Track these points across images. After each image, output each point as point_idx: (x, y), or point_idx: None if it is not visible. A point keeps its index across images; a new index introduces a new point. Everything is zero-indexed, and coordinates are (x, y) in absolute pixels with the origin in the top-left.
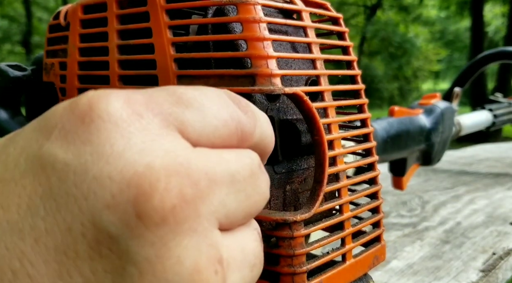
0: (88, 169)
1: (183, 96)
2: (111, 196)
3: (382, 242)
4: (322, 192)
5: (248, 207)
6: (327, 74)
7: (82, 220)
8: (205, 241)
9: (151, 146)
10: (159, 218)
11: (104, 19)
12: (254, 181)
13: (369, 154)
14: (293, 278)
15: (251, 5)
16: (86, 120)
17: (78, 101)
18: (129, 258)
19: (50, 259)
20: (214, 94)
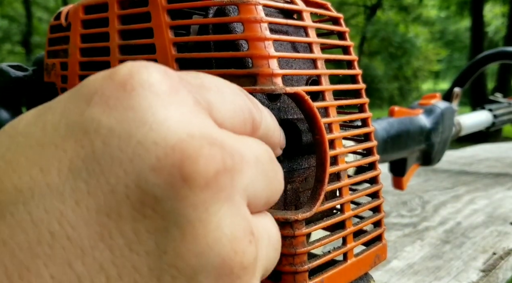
0: (132, 134)
1: (205, 80)
2: (157, 159)
3: (383, 241)
4: (323, 191)
5: (270, 192)
6: (328, 73)
7: (127, 182)
8: (239, 212)
9: (189, 119)
10: (203, 182)
11: (105, 19)
12: (273, 167)
13: (370, 154)
14: (294, 277)
15: (252, 5)
16: (127, 87)
17: (118, 70)
18: (173, 219)
19: (92, 221)
20: (228, 83)
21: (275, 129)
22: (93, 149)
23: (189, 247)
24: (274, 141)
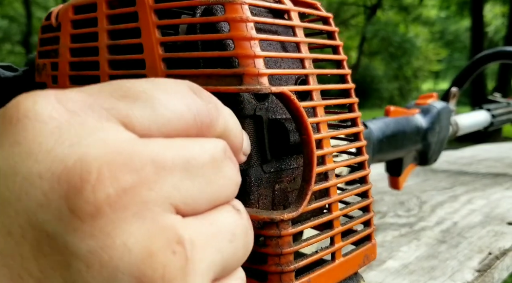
0: (17, 170)
1: (130, 90)
2: (43, 195)
3: (373, 241)
4: (310, 191)
5: (213, 192)
6: (316, 73)
7: (20, 222)
8: (156, 225)
9: (85, 139)
10: (93, 210)
11: (94, 19)
12: (216, 166)
13: (360, 153)
14: (280, 277)
15: (238, 4)
16: (13, 121)
17: (8, 104)
18: (71, 253)
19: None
20: (171, 85)
21: (237, 131)
22: None
23: (97, 276)
24: (234, 143)
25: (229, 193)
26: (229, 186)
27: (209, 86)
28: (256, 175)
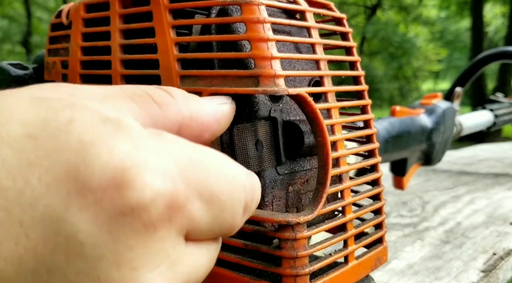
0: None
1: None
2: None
3: (384, 244)
4: (325, 194)
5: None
6: (331, 74)
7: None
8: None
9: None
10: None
11: (106, 18)
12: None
13: (372, 155)
14: (295, 280)
15: (255, 5)
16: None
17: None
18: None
19: None
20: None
21: (199, 111)
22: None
23: None
24: (199, 122)
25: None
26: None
27: (225, 88)
28: (271, 177)
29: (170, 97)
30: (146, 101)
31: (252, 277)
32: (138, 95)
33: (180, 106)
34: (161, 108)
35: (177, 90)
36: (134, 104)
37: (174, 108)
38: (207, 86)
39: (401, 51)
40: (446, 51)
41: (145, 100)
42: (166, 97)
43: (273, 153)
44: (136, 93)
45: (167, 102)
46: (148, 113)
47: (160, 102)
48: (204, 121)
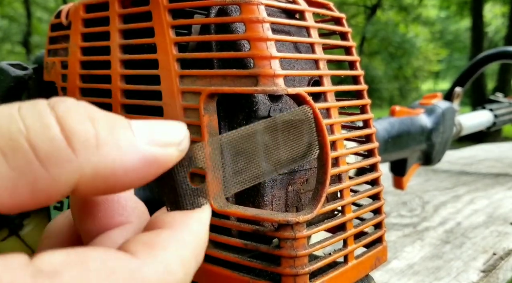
0: None
1: None
2: None
3: (384, 243)
4: (325, 193)
5: None
6: (330, 74)
7: None
8: None
9: None
10: None
11: (106, 18)
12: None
13: (372, 155)
14: (295, 279)
15: (255, 5)
16: None
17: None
18: None
19: None
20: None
21: (115, 161)
22: None
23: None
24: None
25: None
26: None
27: (225, 87)
28: (270, 177)
29: (67, 149)
30: (23, 157)
31: (252, 276)
32: (12, 149)
33: (82, 162)
34: (46, 168)
35: (94, 119)
36: (3, 163)
37: (69, 166)
38: (207, 85)
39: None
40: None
41: (22, 157)
42: (59, 149)
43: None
44: (11, 143)
45: (57, 160)
46: (24, 178)
47: (46, 159)
48: (119, 178)
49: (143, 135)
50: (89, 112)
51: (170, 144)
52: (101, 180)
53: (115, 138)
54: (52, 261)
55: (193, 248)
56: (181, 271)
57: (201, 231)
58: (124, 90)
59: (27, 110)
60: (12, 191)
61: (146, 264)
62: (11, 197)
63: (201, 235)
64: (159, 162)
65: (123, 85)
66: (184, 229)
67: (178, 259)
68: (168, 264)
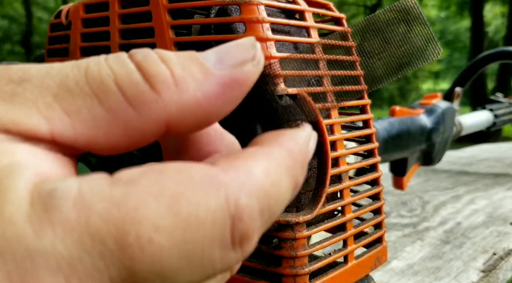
0: None
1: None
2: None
3: (384, 243)
4: (325, 194)
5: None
6: (331, 74)
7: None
8: None
9: None
10: None
11: (106, 18)
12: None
13: (371, 155)
14: (295, 280)
15: (254, 5)
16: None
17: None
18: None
19: None
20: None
21: (197, 95)
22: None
23: None
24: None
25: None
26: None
27: None
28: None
29: (150, 90)
30: (115, 99)
31: (252, 276)
32: (104, 91)
33: (166, 100)
34: (136, 108)
35: (166, 60)
36: (97, 104)
37: (155, 106)
38: None
39: None
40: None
41: (113, 98)
42: (144, 92)
43: None
44: (103, 87)
45: (144, 100)
46: (117, 118)
47: (134, 101)
48: (206, 108)
49: (215, 61)
50: (161, 55)
51: (245, 61)
52: (189, 114)
53: (189, 72)
54: (130, 172)
55: (283, 162)
56: (265, 179)
57: (294, 147)
58: None
59: (112, 59)
60: (107, 132)
61: (225, 171)
62: (106, 138)
63: (294, 150)
64: (239, 82)
65: None
66: (274, 145)
67: (261, 169)
68: (250, 171)
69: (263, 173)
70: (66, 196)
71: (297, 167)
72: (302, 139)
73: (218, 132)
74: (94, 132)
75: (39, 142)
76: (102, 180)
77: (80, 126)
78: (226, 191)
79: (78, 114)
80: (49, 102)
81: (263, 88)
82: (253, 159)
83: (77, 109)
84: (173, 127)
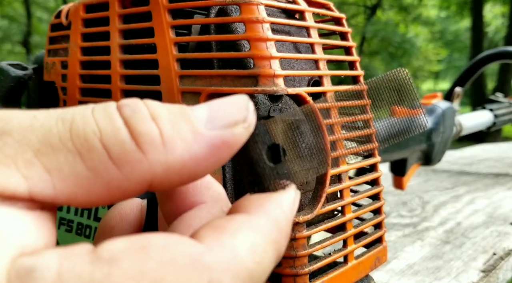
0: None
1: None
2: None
3: (384, 243)
4: (325, 194)
5: None
6: (330, 74)
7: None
8: None
9: None
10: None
11: (106, 18)
12: None
13: (371, 155)
14: (295, 280)
15: (254, 5)
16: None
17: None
18: None
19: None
20: None
21: (184, 156)
22: None
23: None
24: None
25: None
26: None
27: (224, 87)
28: None
29: (137, 150)
30: (98, 158)
31: None
32: (88, 149)
33: (152, 161)
34: (120, 168)
35: (156, 117)
36: (79, 162)
37: (140, 166)
38: (206, 85)
39: (401, 51)
40: (446, 51)
41: (97, 157)
42: (130, 151)
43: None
44: (87, 144)
45: (129, 160)
46: (99, 177)
47: (118, 160)
48: (191, 169)
49: (206, 121)
50: (152, 110)
51: (235, 123)
52: (173, 175)
53: (178, 132)
54: (112, 248)
55: (269, 234)
56: (251, 259)
57: (280, 216)
58: (124, 90)
59: (99, 113)
60: (88, 189)
61: (211, 250)
62: (87, 195)
63: (280, 220)
64: (228, 144)
65: (123, 85)
66: (260, 213)
67: (247, 246)
68: (236, 250)
69: (249, 251)
70: (45, 277)
71: (282, 238)
72: (287, 205)
73: (204, 182)
74: (74, 189)
75: (17, 202)
76: (84, 256)
77: (60, 184)
78: (210, 275)
79: (59, 172)
80: (29, 159)
81: (251, 147)
82: (239, 232)
83: (58, 166)
84: (155, 186)
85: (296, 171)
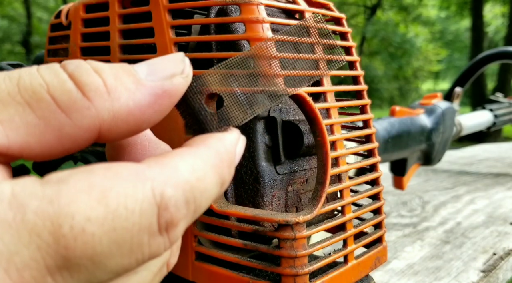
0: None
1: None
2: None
3: (384, 243)
4: (325, 194)
5: None
6: (330, 74)
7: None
8: None
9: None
10: None
11: (106, 18)
12: None
13: (371, 155)
14: (295, 280)
15: (254, 5)
16: None
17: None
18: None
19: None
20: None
21: (129, 104)
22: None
23: None
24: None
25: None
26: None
27: None
28: (270, 177)
29: (83, 98)
30: (47, 107)
31: (252, 277)
32: (37, 100)
33: (98, 108)
34: (69, 115)
35: (99, 70)
36: (29, 112)
37: (88, 113)
38: None
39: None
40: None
41: (46, 106)
42: (76, 100)
43: (272, 153)
44: (35, 95)
45: (77, 107)
46: (50, 125)
47: (67, 108)
48: (137, 116)
49: (147, 73)
50: (94, 65)
51: (174, 74)
52: (121, 122)
53: (121, 82)
54: (59, 174)
55: (208, 160)
56: (190, 174)
57: (220, 148)
58: None
59: (44, 70)
60: (40, 138)
61: (151, 167)
62: (39, 144)
63: (220, 150)
64: (168, 93)
65: None
66: (201, 145)
67: (187, 165)
68: (175, 167)
69: (188, 169)
70: (1, 198)
71: (224, 166)
72: (229, 141)
73: (152, 143)
74: (27, 139)
75: None
76: (34, 181)
77: (12, 133)
78: (152, 184)
79: (10, 122)
80: None
81: (192, 98)
82: (180, 157)
83: (9, 118)
84: (104, 134)
85: (235, 115)
